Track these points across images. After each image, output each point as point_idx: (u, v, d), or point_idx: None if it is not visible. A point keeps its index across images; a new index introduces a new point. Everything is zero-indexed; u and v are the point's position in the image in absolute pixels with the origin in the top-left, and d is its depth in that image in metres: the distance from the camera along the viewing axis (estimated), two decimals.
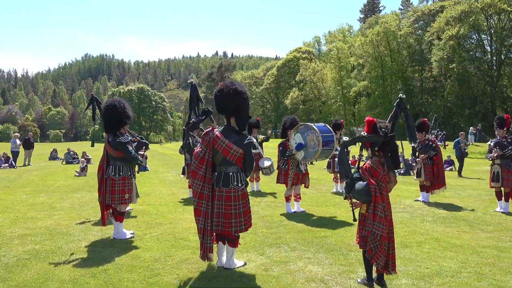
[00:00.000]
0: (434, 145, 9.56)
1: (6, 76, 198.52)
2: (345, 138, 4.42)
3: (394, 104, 4.18)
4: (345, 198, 4.43)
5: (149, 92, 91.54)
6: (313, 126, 7.54)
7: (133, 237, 6.04)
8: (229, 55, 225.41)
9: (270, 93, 71.95)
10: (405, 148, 11.39)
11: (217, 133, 4.65)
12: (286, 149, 8.16)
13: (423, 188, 9.73)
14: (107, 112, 5.87)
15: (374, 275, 4.34)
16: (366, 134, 4.32)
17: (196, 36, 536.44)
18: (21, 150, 20.84)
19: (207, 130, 4.74)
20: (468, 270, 4.71)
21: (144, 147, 6.79)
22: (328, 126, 7.95)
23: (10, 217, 7.52)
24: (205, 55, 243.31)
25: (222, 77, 75.59)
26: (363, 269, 4.47)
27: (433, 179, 9.51)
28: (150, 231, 6.44)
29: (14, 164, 19.38)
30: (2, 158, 19.54)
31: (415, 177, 9.83)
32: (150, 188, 11.79)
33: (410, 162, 14.59)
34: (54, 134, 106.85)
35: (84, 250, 5.40)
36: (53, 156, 25.44)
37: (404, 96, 4.25)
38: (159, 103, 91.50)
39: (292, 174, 8.04)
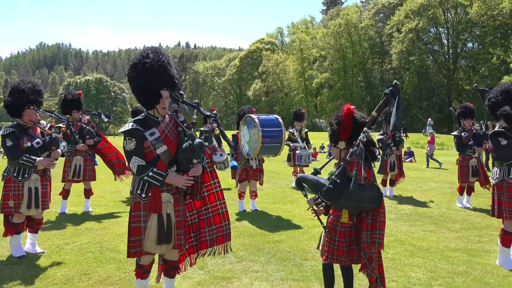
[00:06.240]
0: (402, 136, 9.30)
1: None
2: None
3: (386, 91, 3.27)
4: (310, 210, 3.48)
5: (107, 83, 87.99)
6: (255, 119, 6.75)
7: (25, 257, 4.68)
8: (192, 46, 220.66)
9: (232, 84, 70.75)
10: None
11: None
12: (237, 141, 7.38)
13: (385, 182, 9.25)
14: (8, 96, 4.73)
15: None
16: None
17: (159, 26, 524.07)
18: None
19: None
20: (439, 282, 4.08)
21: (54, 146, 4.65)
22: (279, 119, 7.17)
23: None
24: (167, 46, 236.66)
25: (183, 67, 73.44)
26: (320, 284, 3.76)
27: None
28: (74, 240, 5.45)
29: None
30: None
31: (387, 171, 9.08)
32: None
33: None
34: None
35: None
36: None
37: (399, 83, 3.39)
38: (118, 94, 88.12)
39: (240, 170, 7.26)
